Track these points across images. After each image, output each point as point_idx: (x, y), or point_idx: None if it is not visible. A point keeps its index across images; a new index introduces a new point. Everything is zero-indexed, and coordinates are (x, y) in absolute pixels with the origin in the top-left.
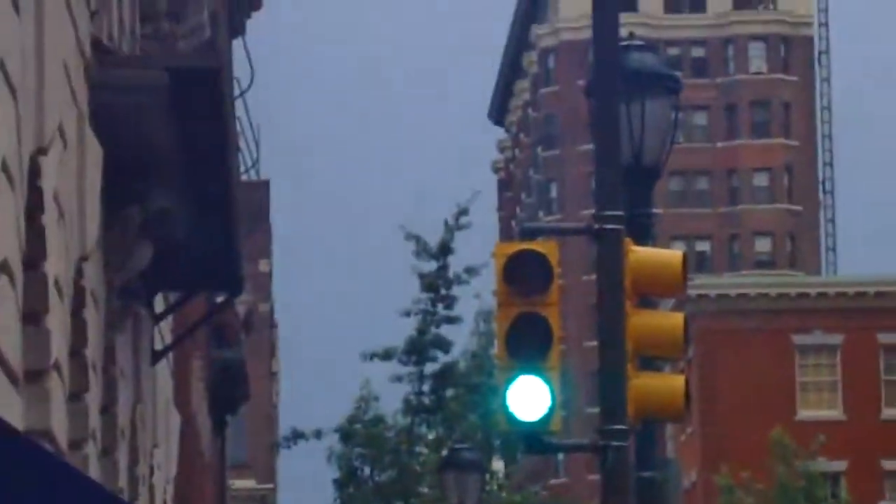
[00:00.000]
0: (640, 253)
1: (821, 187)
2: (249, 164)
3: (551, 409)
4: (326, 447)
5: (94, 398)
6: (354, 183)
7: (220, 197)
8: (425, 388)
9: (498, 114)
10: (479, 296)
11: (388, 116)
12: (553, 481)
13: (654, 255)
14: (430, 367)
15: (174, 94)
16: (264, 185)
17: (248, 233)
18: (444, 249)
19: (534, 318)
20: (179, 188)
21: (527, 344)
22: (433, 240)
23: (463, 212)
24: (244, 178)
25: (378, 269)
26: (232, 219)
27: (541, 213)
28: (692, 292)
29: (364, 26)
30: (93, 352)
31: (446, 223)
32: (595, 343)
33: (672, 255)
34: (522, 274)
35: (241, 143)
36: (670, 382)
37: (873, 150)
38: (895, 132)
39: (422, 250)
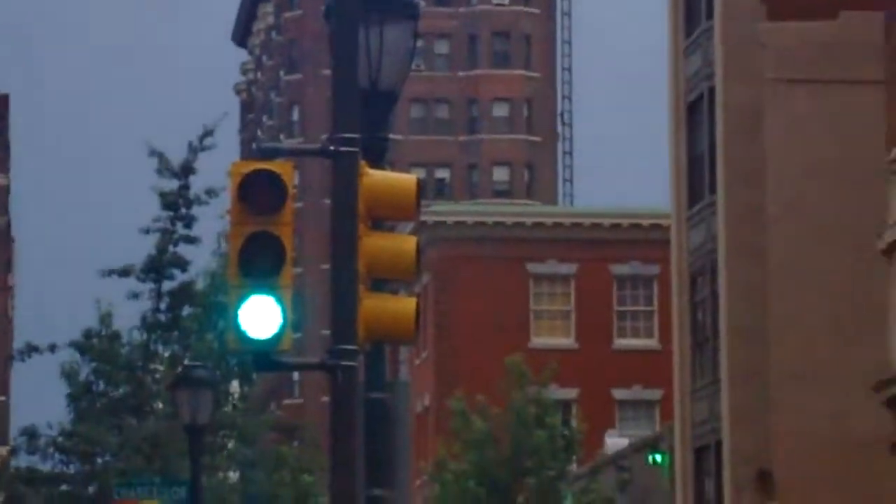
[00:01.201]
0: (374, 176)
1: (559, 119)
2: None
3: (282, 328)
4: (61, 362)
5: None
6: (98, 100)
7: None
8: (162, 305)
9: (241, 36)
10: (224, 216)
11: (133, 36)
12: (288, 401)
13: (387, 179)
14: (167, 286)
15: None
16: (2, 100)
17: None
18: (187, 169)
19: (267, 238)
20: None
21: (259, 263)
22: (177, 160)
23: (208, 133)
24: None
25: (120, 186)
26: None
27: (282, 136)
28: (430, 219)
29: None
30: None
31: (190, 144)
32: None
33: (406, 178)
34: (257, 193)
35: None
36: (401, 305)
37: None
38: (634, 66)
39: (164, 168)
